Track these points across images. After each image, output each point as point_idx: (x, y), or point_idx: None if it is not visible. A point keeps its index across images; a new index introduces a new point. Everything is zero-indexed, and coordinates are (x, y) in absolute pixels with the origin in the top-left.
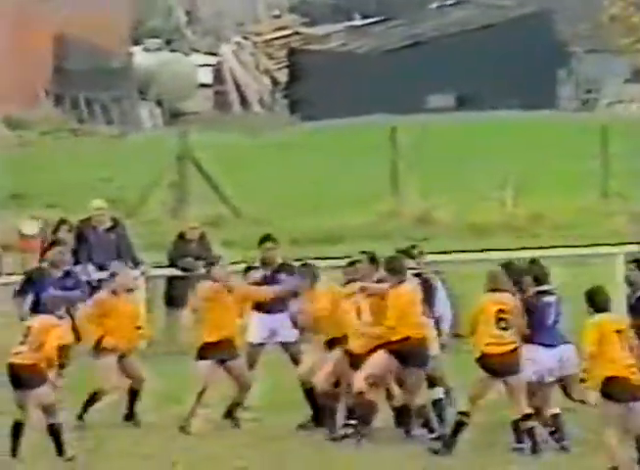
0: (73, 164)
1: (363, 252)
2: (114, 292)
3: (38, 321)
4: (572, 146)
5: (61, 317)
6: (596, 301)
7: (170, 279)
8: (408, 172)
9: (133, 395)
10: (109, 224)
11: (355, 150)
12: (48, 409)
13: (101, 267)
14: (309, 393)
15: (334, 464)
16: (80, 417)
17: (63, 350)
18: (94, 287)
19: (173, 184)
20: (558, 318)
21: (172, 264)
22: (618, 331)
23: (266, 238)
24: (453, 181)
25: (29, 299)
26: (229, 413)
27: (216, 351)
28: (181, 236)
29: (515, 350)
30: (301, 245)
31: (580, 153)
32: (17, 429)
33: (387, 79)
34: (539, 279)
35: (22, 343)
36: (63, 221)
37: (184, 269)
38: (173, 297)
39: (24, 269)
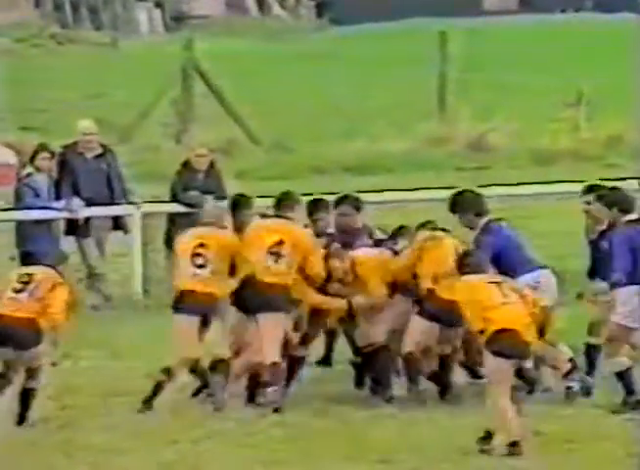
0: (55, 77)
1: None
2: None
3: (42, 271)
4: None
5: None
6: None
7: (172, 217)
8: (459, 88)
9: None
10: (98, 151)
11: (395, 61)
12: (33, 372)
13: (89, 202)
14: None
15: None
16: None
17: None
18: (79, 226)
19: (176, 102)
20: None
21: (175, 199)
22: None
23: (344, 198)
24: (513, 99)
25: None
26: None
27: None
28: (186, 165)
29: None
30: (329, 174)
31: None
32: None
33: None
34: (627, 208)
35: (17, 290)
36: (42, 147)
37: (189, 205)
38: (176, 238)
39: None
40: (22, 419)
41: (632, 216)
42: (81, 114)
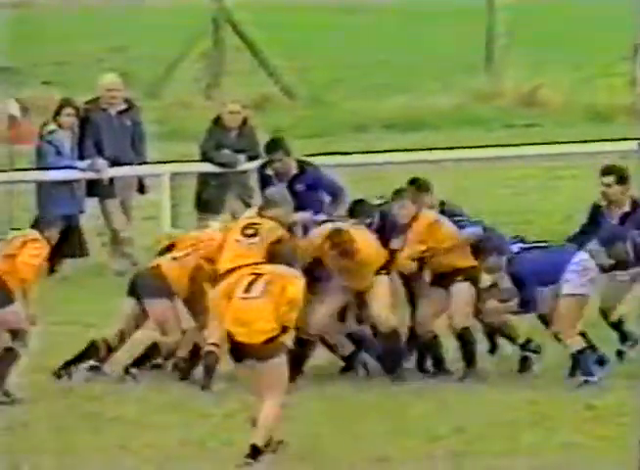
0: (77, 28)
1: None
2: None
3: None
4: None
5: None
6: None
7: (203, 177)
8: (508, 40)
9: None
10: (122, 106)
11: (441, 13)
12: (16, 335)
13: (113, 161)
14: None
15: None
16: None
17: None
18: (103, 187)
19: (207, 55)
20: None
21: (206, 159)
22: None
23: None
24: (566, 52)
25: None
26: None
27: None
28: (217, 122)
29: None
30: (370, 132)
31: None
32: None
33: None
34: None
35: None
36: (66, 102)
37: (221, 165)
38: (207, 200)
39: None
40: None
41: None
42: (104, 67)
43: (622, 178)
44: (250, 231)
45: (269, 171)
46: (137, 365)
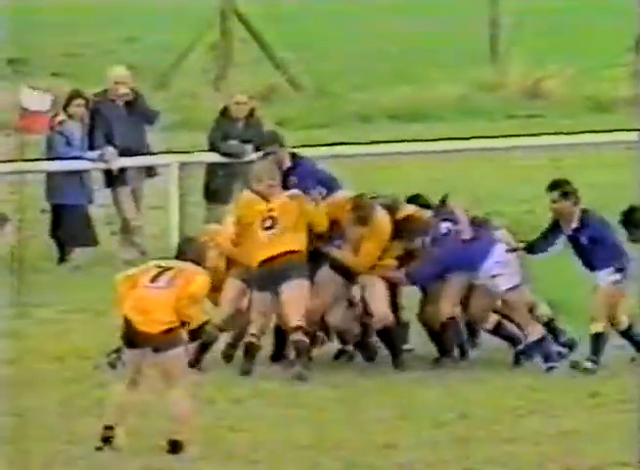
0: (86, 19)
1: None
2: None
3: None
4: None
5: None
6: None
7: (211, 167)
8: (512, 31)
9: None
10: (130, 97)
11: (444, 2)
12: None
13: (123, 152)
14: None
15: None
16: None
17: None
18: (114, 177)
19: (214, 46)
20: None
21: (213, 149)
22: None
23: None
24: (570, 43)
25: None
26: None
27: None
28: (225, 113)
29: None
30: (376, 122)
31: None
32: None
33: None
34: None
35: None
36: (75, 93)
37: (228, 155)
38: (215, 190)
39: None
40: None
41: None
42: (114, 58)
43: (567, 194)
44: None
45: None
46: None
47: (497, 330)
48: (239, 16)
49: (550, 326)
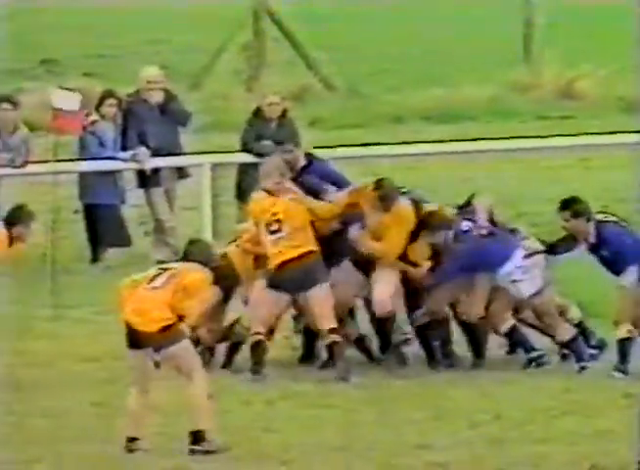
0: (118, 20)
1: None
2: None
3: None
4: None
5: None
6: None
7: (243, 168)
8: (546, 31)
9: None
10: (163, 98)
11: (477, 4)
12: None
13: (156, 152)
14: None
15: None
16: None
17: None
18: (148, 177)
19: (247, 47)
20: None
21: (246, 149)
22: None
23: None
24: (605, 43)
25: None
26: None
27: None
28: (257, 113)
29: None
30: (407, 123)
31: None
32: None
33: None
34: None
35: None
36: (108, 93)
37: (261, 156)
38: (246, 190)
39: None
40: None
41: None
42: (145, 59)
43: (577, 213)
44: None
45: None
46: None
47: (511, 334)
48: (271, 16)
49: (580, 328)
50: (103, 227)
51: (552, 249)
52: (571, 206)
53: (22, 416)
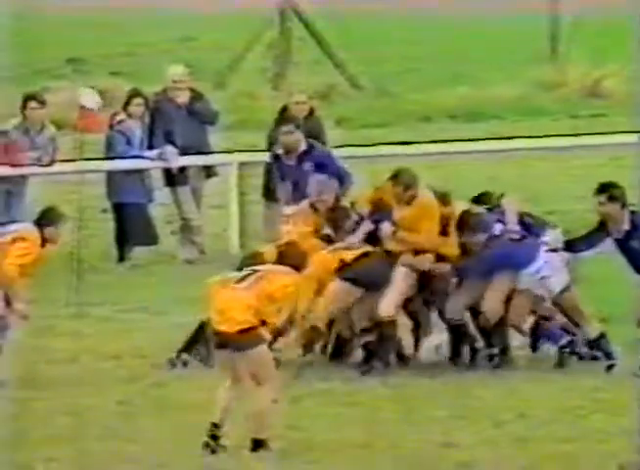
0: (144, 19)
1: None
2: None
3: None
4: None
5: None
6: None
7: (270, 166)
8: (573, 30)
9: None
10: (189, 97)
11: (504, 1)
12: None
13: (183, 151)
14: None
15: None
16: None
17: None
18: (175, 176)
19: (274, 46)
20: None
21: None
22: None
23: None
24: (630, 41)
25: None
26: None
27: None
28: (284, 112)
29: None
30: (435, 122)
31: None
32: None
33: None
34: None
35: None
36: (135, 92)
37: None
38: (273, 189)
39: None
40: None
41: None
42: (172, 58)
43: (613, 197)
44: None
45: (279, 150)
46: (187, 350)
47: (535, 330)
48: (298, 15)
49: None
50: (130, 226)
51: (572, 245)
52: (607, 189)
53: (44, 414)
